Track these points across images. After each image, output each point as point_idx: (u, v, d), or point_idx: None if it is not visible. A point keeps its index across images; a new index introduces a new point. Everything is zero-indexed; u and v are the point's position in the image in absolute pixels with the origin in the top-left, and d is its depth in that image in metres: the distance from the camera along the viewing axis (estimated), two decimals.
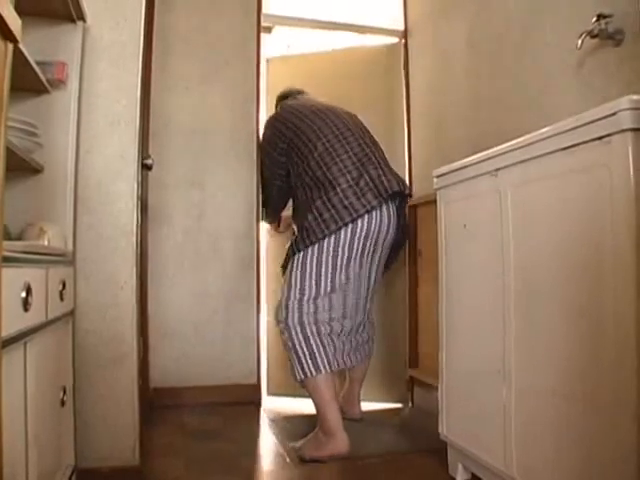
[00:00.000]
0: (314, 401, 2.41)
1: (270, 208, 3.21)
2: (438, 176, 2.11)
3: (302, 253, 2.48)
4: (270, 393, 3.43)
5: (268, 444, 2.60)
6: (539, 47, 2.18)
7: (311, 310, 2.45)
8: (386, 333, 3.25)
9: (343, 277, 2.51)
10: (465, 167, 1.91)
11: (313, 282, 2.46)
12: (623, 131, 1.22)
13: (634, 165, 1.21)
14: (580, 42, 1.81)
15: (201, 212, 3.28)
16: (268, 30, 3.78)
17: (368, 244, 2.49)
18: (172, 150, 3.25)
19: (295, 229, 2.59)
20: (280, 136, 2.74)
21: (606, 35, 1.78)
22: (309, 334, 2.42)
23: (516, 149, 1.61)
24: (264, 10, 3.43)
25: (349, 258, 2.47)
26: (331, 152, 2.53)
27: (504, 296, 1.68)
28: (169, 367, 3.14)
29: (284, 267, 2.65)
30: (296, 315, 2.43)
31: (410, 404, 3.27)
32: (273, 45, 4.01)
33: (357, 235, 2.44)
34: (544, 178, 1.50)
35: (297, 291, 2.46)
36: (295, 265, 2.49)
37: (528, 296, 1.58)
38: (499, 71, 2.48)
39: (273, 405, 3.24)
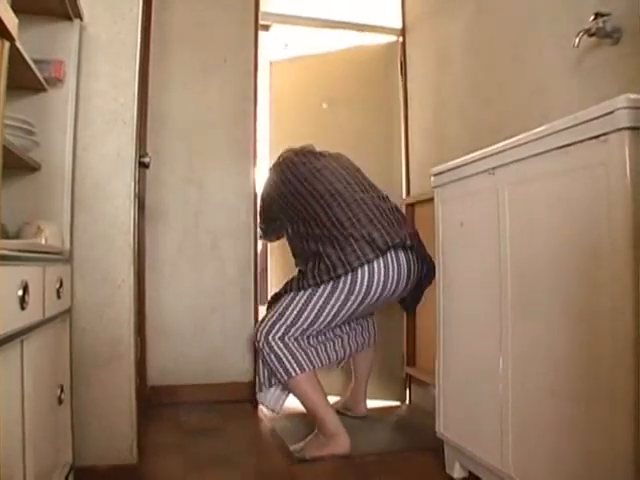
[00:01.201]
0: (305, 405, 2.42)
1: (267, 238, 3.22)
2: (435, 174, 2.11)
3: (299, 293, 2.44)
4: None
5: (265, 442, 2.60)
6: (537, 45, 2.18)
7: (296, 335, 2.44)
8: (383, 331, 3.24)
9: (330, 320, 2.47)
10: (462, 165, 1.91)
11: (308, 320, 2.43)
12: (620, 130, 1.22)
13: (631, 164, 1.21)
14: (578, 40, 1.81)
15: (199, 210, 3.28)
16: (266, 28, 3.78)
17: (371, 295, 2.42)
18: (170, 148, 3.24)
19: (299, 269, 2.58)
20: (280, 195, 2.69)
21: (604, 33, 1.78)
22: (289, 343, 2.42)
23: (513, 147, 1.61)
24: (262, 8, 3.42)
25: (344, 306, 2.42)
26: (327, 210, 2.48)
27: (501, 294, 1.68)
28: (166, 365, 3.14)
29: (271, 302, 2.64)
30: (279, 334, 2.42)
31: (407, 402, 3.28)
32: (271, 43, 4.01)
33: (357, 287, 2.38)
34: (541, 177, 1.51)
35: (289, 320, 2.43)
36: (292, 300, 2.45)
37: (525, 294, 1.58)
38: (497, 69, 2.48)
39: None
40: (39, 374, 1.42)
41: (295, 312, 2.43)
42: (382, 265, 2.38)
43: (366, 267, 2.36)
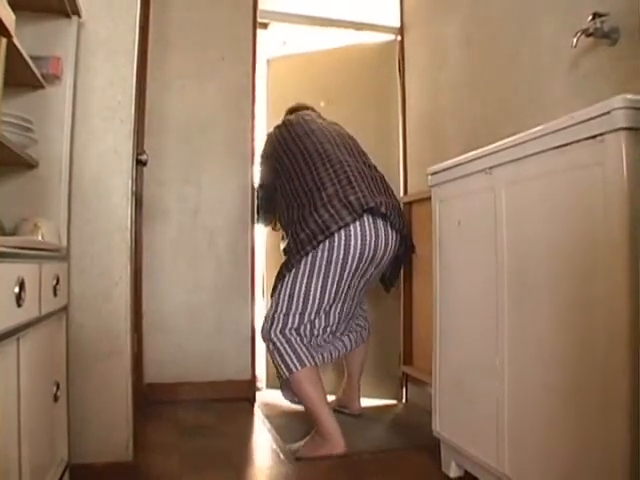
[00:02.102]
0: (304, 404, 2.41)
1: (262, 216, 3.23)
2: (433, 174, 2.11)
3: (286, 276, 2.50)
4: (268, 386, 3.46)
5: (262, 440, 2.60)
6: (534, 45, 2.18)
7: (295, 325, 2.47)
8: (380, 330, 3.25)
9: (327, 297, 2.50)
10: (459, 165, 1.92)
11: (301, 301, 2.47)
12: (617, 130, 1.23)
13: (627, 164, 1.21)
14: (575, 41, 1.81)
15: (196, 208, 3.28)
16: (264, 26, 3.77)
17: (350, 261, 2.44)
18: (167, 146, 3.24)
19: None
20: (274, 153, 2.76)
21: (601, 34, 1.78)
22: (291, 338, 2.44)
23: (510, 147, 1.61)
24: (260, 6, 3.42)
25: (328, 276, 2.45)
26: (312, 170, 2.54)
27: (497, 293, 1.68)
28: (163, 363, 3.14)
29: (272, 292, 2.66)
30: (279, 327, 2.45)
31: (404, 401, 3.28)
32: (269, 41, 4.00)
33: (335, 253, 2.41)
34: (538, 176, 1.51)
35: (284, 308, 2.48)
36: (282, 285, 2.51)
37: (521, 293, 1.58)
38: (494, 68, 2.48)
39: (267, 401, 3.25)
40: (35, 371, 1.42)
41: (286, 298, 2.48)
42: (359, 229, 2.41)
43: (342, 231, 2.39)
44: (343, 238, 2.39)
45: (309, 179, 2.53)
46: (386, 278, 2.90)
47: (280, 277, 2.53)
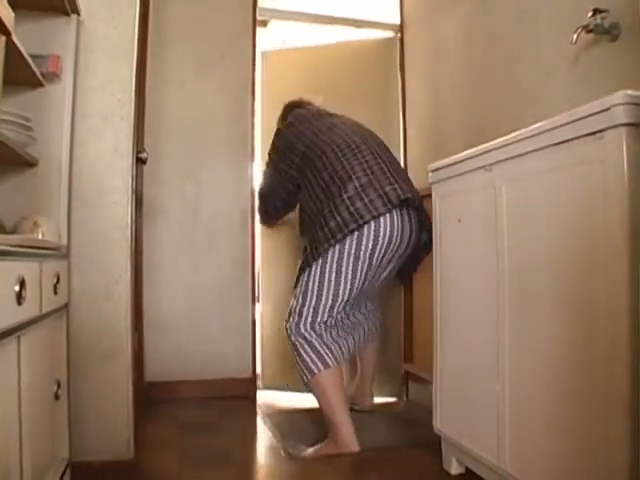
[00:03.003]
0: (321, 406, 2.35)
1: (271, 216, 3.15)
2: (433, 170, 2.11)
3: (313, 266, 2.41)
4: (264, 387, 3.44)
5: (262, 438, 2.60)
6: (535, 42, 2.18)
7: (325, 318, 2.40)
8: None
9: (350, 287, 2.42)
10: (460, 161, 1.91)
11: (331, 292, 2.40)
12: (617, 126, 1.22)
13: (628, 160, 1.21)
14: (576, 37, 1.81)
15: (196, 206, 3.28)
16: (264, 24, 3.77)
17: (377, 252, 2.39)
18: (167, 144, 3.24)
19: (307, 242, 2.52)
20: (294, 150, 2.67)
21: (602, 30, 1.77)
22: (321, 331, 2.39)
23: (510, 144, 1.61)
24: (260, 4, 3.41)
25: (357, 267, 2.39)
26: (342, 161, 2.47)
27: (498, 290, 1.68)
28: (164, 361, 3.14)
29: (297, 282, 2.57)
30: (309, 320, 2.38)
31: (405, 398, 3.28)
32: (269, 39, 4.00)
33: (364, 243, 2.36)
34: (538, 173, 1.51)
35: (314, 299, 2.40)
36: (309, 276, 2.42)
37: (522, 290, 1.58)
38: (494, 65, 2.47)
39: (268, 399, 3.25)
40: (36, 370, 1.42)
41: (316, 290, 2.40)
42: (388, 221, 2.36)
43: (373, 222, 2.34)
44: (373, 229, 2.34)
45: (339, 169, 2.44)
46: (403, 274, 2.86)
47: (305, 268, 2.45)
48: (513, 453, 1.61)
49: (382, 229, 2.35)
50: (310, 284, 2.41)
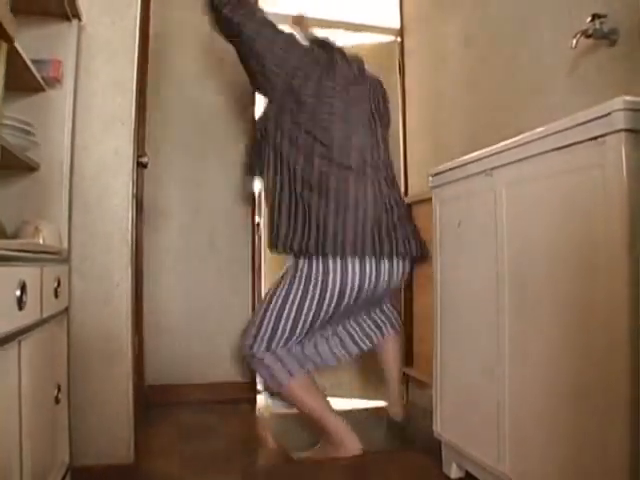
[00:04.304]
0: (305, 414, 2.34)
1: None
2: (433, 175, 2.11)
3: (278, 290, 2.34)
4: (264, 390, 3.43)
5: (263, 442, 2.60)
6: (534, 46, 2.19)
7: (281, 343, 2.33)
8: None
9: (320, 320, 2.36)
10: (460, 166, 1.92)
11: (288, 326, 2.32)
12: (617, 131, 1.23)
13: (627, 165, 1.21)
14: (575, 42, 1.81)
15: (197, 209, 3.28)
16: None
17: (348, 294, 2.32)
18: (168, 147, 3.24)
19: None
20: (298, 72, 2.46)
21: (601, 35, 1.78)
22: (276, 350, 2.32)
23: (511, 148, 1.62)
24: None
25: (327, 303, 2.32)
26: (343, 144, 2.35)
27: (498, 294, 1.68)
28: (164, 365, 3.14)
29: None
30: (263, 345, 2.31)
31: (405, 402, 3.28)
32: None
33: (330, 285, 2.28)
34: (538, 177, 1.51)
35: (268, 329, 2.32)
36: (272, 301, 2.34)
37: (522, 295, 1.58)
38: (494, 70, 2.48)
39: (268, 403, 3.25)
40: (36, 374, 1.43)
41: (274, 318, 2.32)
42: (358, 267, 2.30)
43: (339, 263, 2.27)
44: (339, 271, 2.28)
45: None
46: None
47: (276, 286, 2.39)
48: (513, 457, 1.61)
49: (350, 274, 2.29)
50: (269, 311, 2.33)
